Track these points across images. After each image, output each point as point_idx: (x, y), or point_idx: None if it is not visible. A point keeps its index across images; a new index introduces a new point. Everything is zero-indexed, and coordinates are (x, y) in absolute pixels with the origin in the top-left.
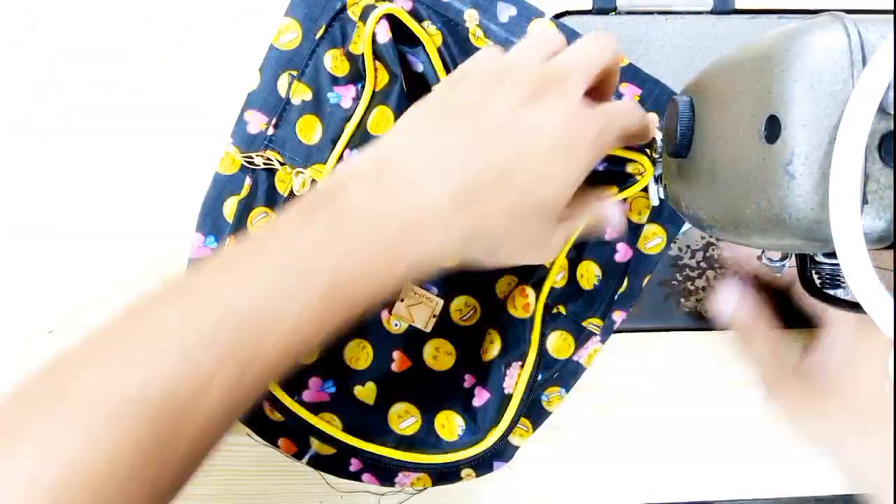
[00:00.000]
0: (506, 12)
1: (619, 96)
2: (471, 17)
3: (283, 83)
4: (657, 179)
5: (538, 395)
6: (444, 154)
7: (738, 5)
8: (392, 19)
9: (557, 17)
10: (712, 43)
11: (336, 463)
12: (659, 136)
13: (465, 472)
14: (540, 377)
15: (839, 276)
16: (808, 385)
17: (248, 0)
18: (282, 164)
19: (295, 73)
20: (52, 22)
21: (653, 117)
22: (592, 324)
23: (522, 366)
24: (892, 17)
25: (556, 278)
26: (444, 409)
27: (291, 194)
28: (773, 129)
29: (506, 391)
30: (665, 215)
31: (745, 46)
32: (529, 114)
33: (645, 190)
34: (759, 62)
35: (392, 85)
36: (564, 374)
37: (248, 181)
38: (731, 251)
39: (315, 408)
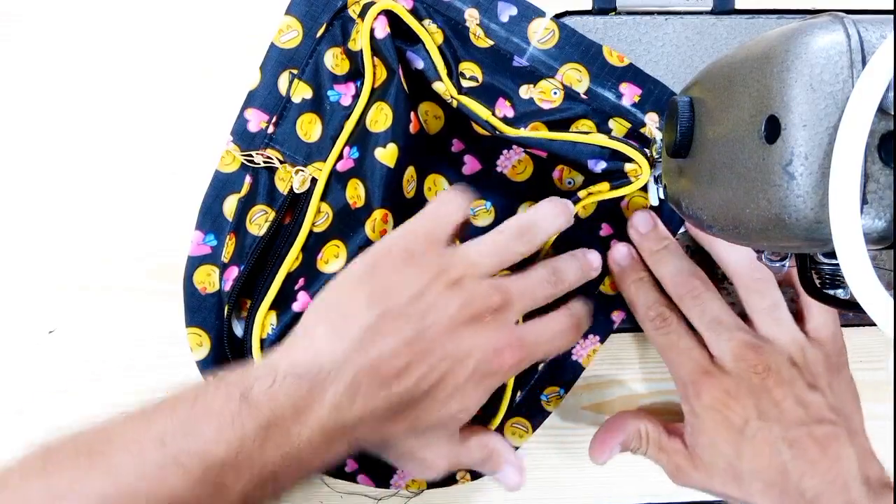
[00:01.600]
0: (506, 12)
1: (619, 96)
2: (471, 17)
3: (283, 81)
4: (657, 179)
5: (538, 395)
6: (381, 368)
7: (738, 5)
8: (391, 16)
9: (557, 17)
10: (712, 43)
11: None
12: (658, 136)
13: (459, 474)
14: (534, 374)
15: (839, 276)
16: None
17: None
18: (282, 162)
19: (295, 71)
20: (49, 21)
21: (652, 116)
22: None
23: None
24: (892, 17)
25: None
26: None
27: (291, 192)
28: (772, 129)
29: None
30: (664, 215)
31: (744, 46)
32: (466, 337)
33: (644, 189)
34: (758, 62)
35: (390, 80)
36: (563, 373)
37: (248, 179)
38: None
39: None
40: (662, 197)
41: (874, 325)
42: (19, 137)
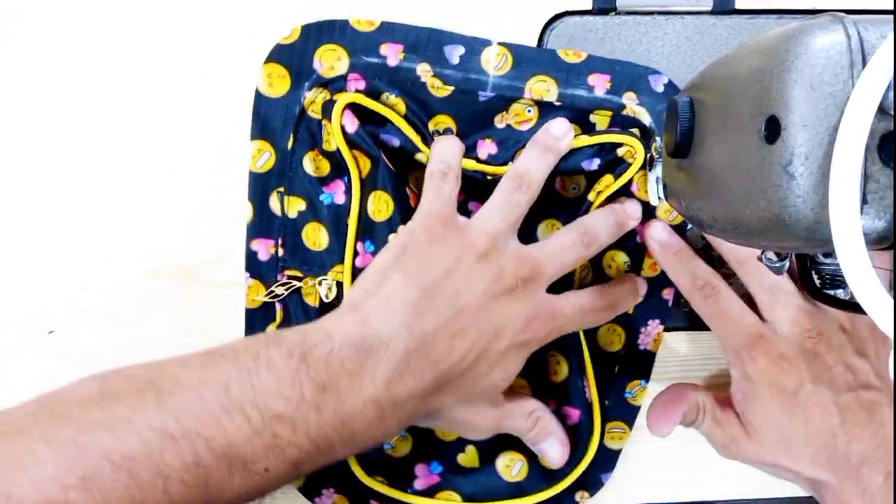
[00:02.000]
0: (455, 53)
1: (591, 89)
2: (424, 71)
3: (274, 203)
4: (657, 180)
5: (622, 393)
6: (427, 346)
7: (738, 5)
8: (354, 106)
9: (557, 17)
10: (712, 43)
11: None
12: (641, 112)
13: (578, 494)
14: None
15: (839, 276)
16: (735, 433)
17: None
18: (302, 278)
19: (282, 189)
20: (49, 21)
21: (629, 95)
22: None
23: (584, 371)
24: (892, 17)
25: (581, 276)
26: None
27: (322, 303)
28: (772, 129)
29: (588, 400)
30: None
31: (744, 47)
32: (502, 308)
33: (644, 167)
34: (758, 62)
35: (376, 168)
36: (638, 365)
37: (278, 307)
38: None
39: (430, 492)
40: (662, 197)
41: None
42: (19, 137)
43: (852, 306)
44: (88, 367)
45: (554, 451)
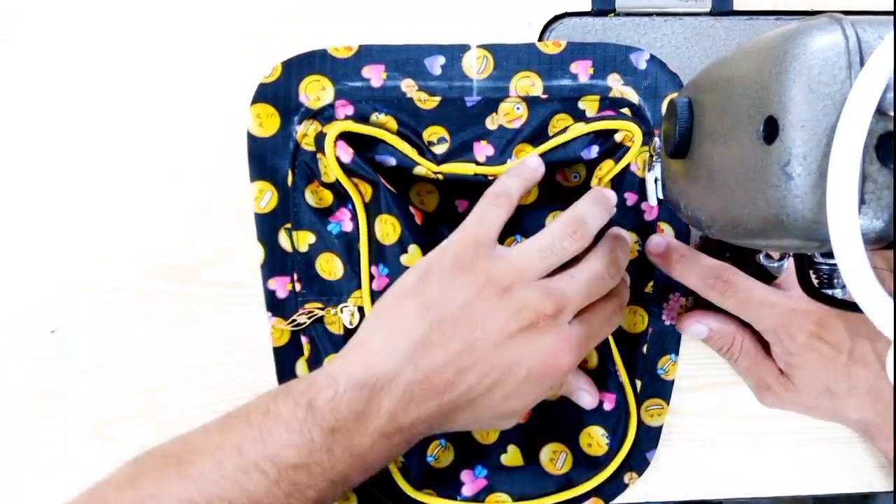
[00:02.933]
0: (436, 64)
1: (574, 77)
2: (408, 87)
3: (284, 240)
4: (656, 180)
5: (655, 371)
6: (432, 378)
7: (737, 6)
8: (345, 135)
9: (556, 18)
10: (711, 44)
11: None
12: (627, 92)
13: (627, 476)
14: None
15: (837, 276)
16: (783, 392)
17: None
18: (323, 309)
19: (289, 225)
20: (49, 21)
21: (614, 77)
22: (651, 287)
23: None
24: (890, 17)
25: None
26: (583, 429)
27: (346, 330)
28: (770, 129)
29: (621, 383)
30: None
31: (743, 48)
32: (518, 345)
33: (646, 143)
34: (756, 63)
35: (377, 192)
36: (666, 341)
37: (304, 340)
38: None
39: (480, 496)
40: (661, 197)
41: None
42: (19, 138)
43: (851, 306)
44: (88, 368)
45: (584, 400)
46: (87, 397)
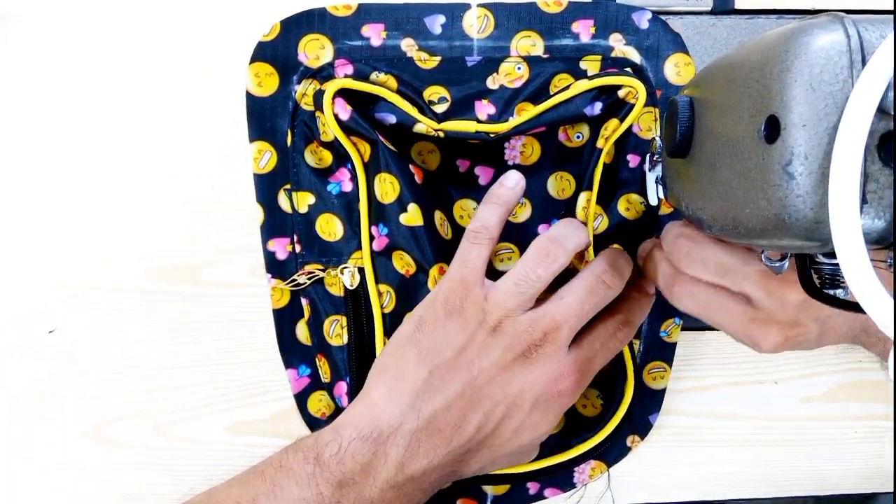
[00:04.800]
0: (436, 23)
1: (576, 36)
2: (409, 46)
3: (283, 201)
4: (657, 180)
5: (658, 333)
6: (437, 424)
7: (738, 5)
8: (344, 92)
9: None
10: (712, 43)
11: (517, 495)
12: (629, 51)
13: (629, 439)
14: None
15: (839, 276)
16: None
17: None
18: (323, 269)
19: (288, 186)
20: (49, 21)
21: (616, 36)
22: None
23: None
24: (892, 17)
25: (595, 226)
26: None
27: (346, 290)
28: (772, 129)
29: None
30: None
31: (744, 46)
32: (516, 377)
33: (650, 105)
34: (758, 62)
35: (376, 150)
36: (666, 303)
37: (304, 302)
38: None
39: None
40: (662, 197)
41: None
42: (19, 138)
43: (852, 306)
44: (88, 368)
45: None
46: (87, 397)
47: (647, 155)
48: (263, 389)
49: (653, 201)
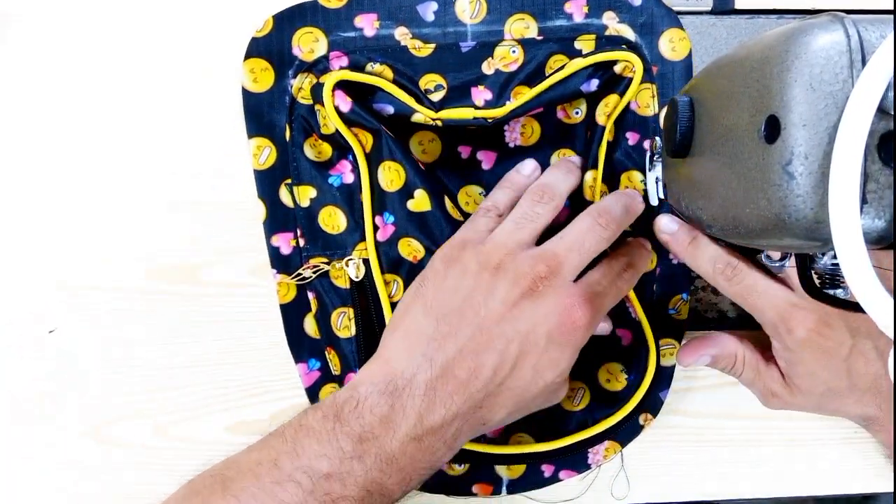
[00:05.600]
0: (429, 10)
1: (569, 17)
2: (402, 35)
3: (285, 196)
4: (657, 179)
5: (667, 311)
6: (452, 371)
7: (738, 5)
8: (343, 84)
9: None
10: (712, 43)
11: (531, 478)
12: (623, 29)
13: (642, 417)
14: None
15: (839, 275)
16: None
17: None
18: (328, 262)
19: (289, 180)
20: (49, 21)
21: (609, 14)
22: None
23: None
24: (892, 17)
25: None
26: (602, 365)
27: (352, 282)
28: (772, 128)
29: (636, 319)
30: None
31: (744, 46)
32: (525, 313)
33: (647, 82)
34: (758, 62)
35: (379, 140)
36: (675, 281)
37: (311, 295)
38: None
39: (502, 437)
40: (662, 197)
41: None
42: (19, 138)
43: (852, 306)
44: (88, 368)
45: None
46: (87, 397)
47: (647, 154)
48: (263, 389)
49: (653, 201)
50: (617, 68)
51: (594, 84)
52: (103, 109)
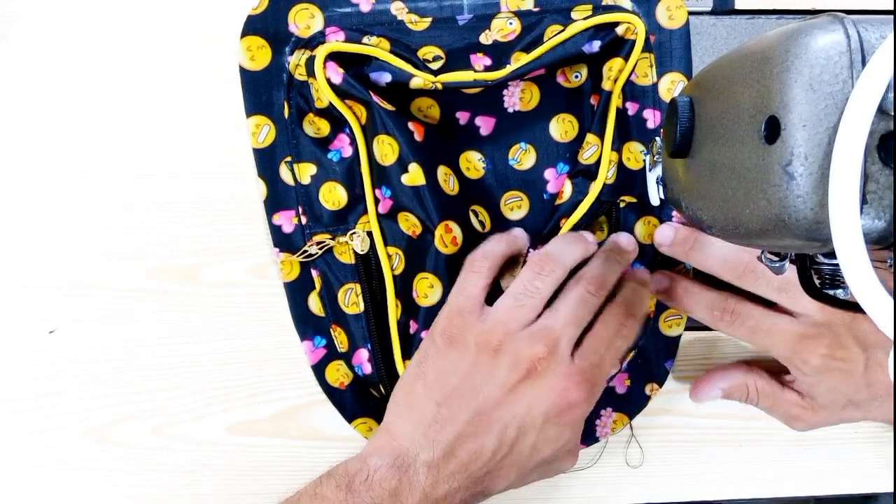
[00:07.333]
0: None
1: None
2: (399, 10)
3: (285, 174)
4: (657, 180)
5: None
6: (454, 452)
7: (738, 6)
8: (336, 56)
9: None
10: (712, 43)
11: None
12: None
13: (648, 387)
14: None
15: (839, 276)
16: (803, 412)
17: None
18: (332, 238)
19: (289, 158)
20: (48, 21)
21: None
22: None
23: None
24: (892, 17)
25: (608, 175)
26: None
27: (358, 257)
28: (772, 129)
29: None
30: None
31: (744, 46)
32: (523, 396)
33: (647, 50)
34: (758, 62)
35: (371, 112)
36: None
37: (315, 273)
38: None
39: None
40: (663, 197)
41: None
42: (19, 137)
43: (852, 306)
44: (88, 368)
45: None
46: (87, 397)
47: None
48: (263, 389)
49: (654, 202)
50: (619, 30)
51: (596, 45)
52: (103, 110)
